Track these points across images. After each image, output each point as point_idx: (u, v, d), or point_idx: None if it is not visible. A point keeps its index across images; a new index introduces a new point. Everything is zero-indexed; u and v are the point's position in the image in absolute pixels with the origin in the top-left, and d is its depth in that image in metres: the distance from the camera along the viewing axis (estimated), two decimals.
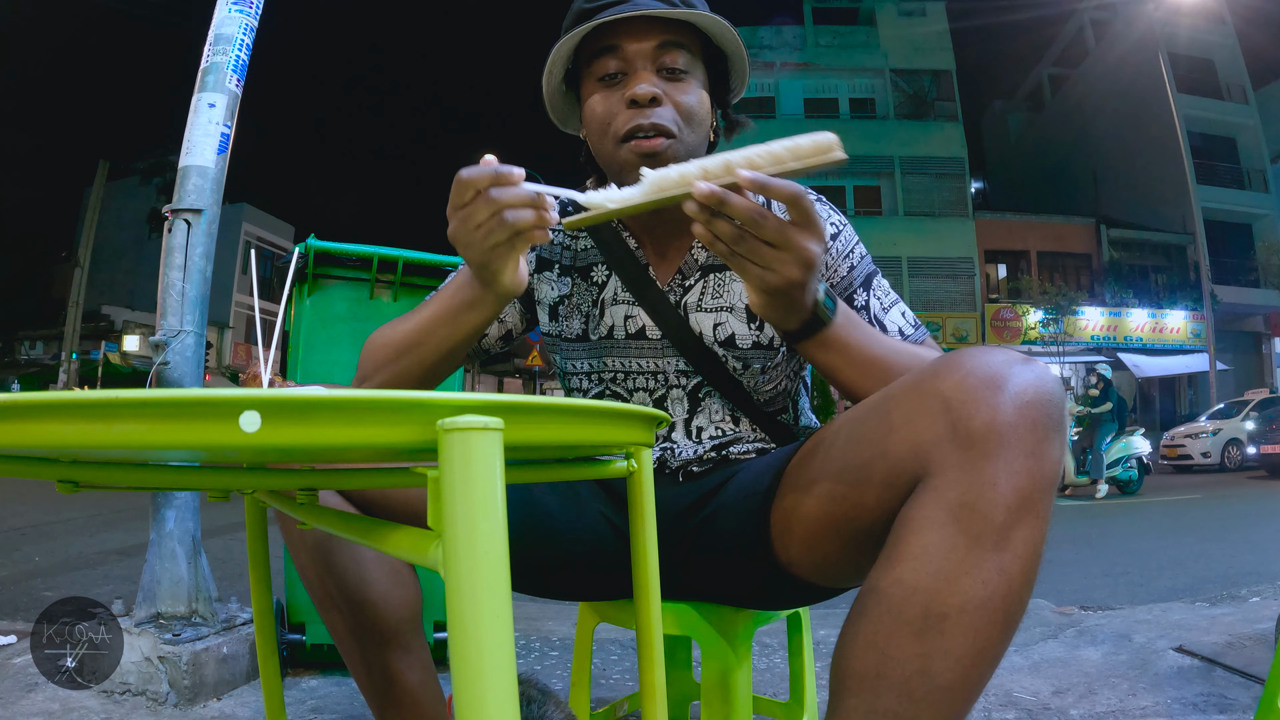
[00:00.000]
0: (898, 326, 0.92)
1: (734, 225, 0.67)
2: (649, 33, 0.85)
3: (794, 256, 0.69)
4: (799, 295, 0.72)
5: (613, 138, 0.86)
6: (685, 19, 0.85)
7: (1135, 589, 3.09)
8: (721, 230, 0.68)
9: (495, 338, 1.01)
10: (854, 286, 0.93)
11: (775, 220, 0.68)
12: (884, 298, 0.94)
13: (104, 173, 18.48)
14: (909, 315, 0.95)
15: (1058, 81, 25.55)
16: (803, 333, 0.77)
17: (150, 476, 0.58)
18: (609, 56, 0.86)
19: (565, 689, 1.15)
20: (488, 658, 0.36)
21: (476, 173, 0.67)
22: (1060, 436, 0.62)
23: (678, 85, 0.86)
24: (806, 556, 0.77)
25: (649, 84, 0.84)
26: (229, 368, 21.97)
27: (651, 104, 0.84)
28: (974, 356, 0.64)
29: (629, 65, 0.86)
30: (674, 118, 0.85)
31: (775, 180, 0.66)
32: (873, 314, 0.92)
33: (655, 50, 0.85)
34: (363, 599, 0.82)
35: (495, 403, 0.40)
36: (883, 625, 0.61)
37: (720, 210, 0.67)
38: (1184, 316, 19.61)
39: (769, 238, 0.68)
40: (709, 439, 0.93)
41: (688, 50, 0.87)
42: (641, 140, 0.84)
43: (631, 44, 0.85)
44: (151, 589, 1.59)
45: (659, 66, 0.86)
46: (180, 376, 1.61)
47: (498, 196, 0.67)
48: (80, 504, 5.20)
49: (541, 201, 0.68)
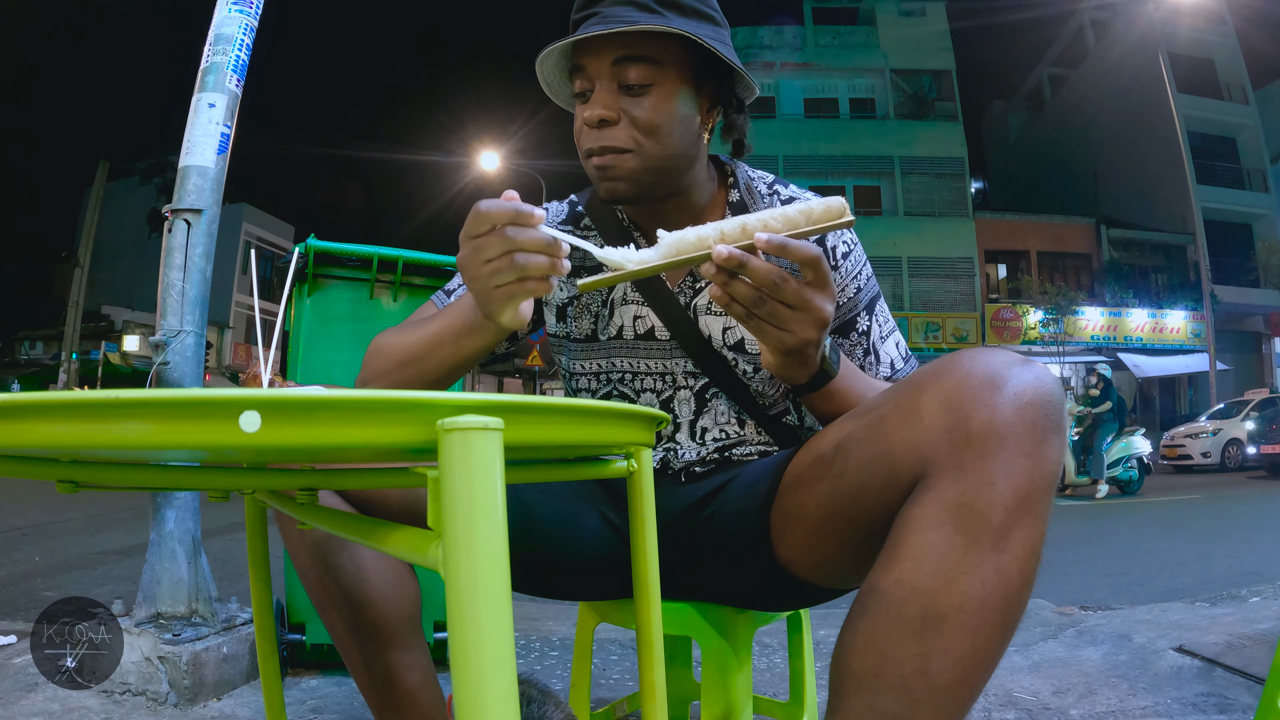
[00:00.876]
0: (890, 358, 0.94)
1: (752, 288, 0.68)
2: (605, 49, 0.85)
3: (810, 317, 0.70)
4: (812, 353, 0.74)
5: (582, 154, 0.89)
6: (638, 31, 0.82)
7: (1135, 589, 3.09)
8: (740, 293, 0.68)
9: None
10: (858, 309, 0.94)
11: (794, 285, 0.69)
12: (883, 325, 0.95)
13: (104, 173, 18.48)
14: (902, 346, 0.96)
15: (1058, 81, 25.55)
16: (810, 386, 0.79)
17: (150, 476, 0.58)
18: (578, 76, 0.88)
19: (565, 689, 1.15)
20: (488, 658, 0.36)
21: (496, 206, 0.66)
22: (1059, 437, 0.62)
23: (637, 100, 0.85)
24: (806, 557, 0.77)
25: (600, 107, 0.85)
26: (229, 368, 21.98)
27: (601, 125, 0.85)
28: (973, 357, 0.65)
29: (592, 83, 0.87)
30: (629, 135, 0.85)
31: (794, 242, 0.68)
32: (871, 340, 0.94)
33: (612, 67, 0.85)
34: (362, 599, 0.82)
35: (495, 403, 0.40)
36: (881, 625, 0.61)
37: (739, 273, 0.67)
38: (1184, 316, 19.61)
39: (788, 300, 0.69)
40: (713, 440, 0.93)
41: (651, 60, 0.85)
42: (596, 158, 0.86)
43: (592, 62, 0.86)
44: (151, 589, 1.59)
45: (620, 82, 0.86)
46: (180, 376, 1.61)
47: (514, 236, 0.65)
48: (80, 504, 5.20)
49: (556, 249, 0.67)
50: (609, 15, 0.84)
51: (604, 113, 0.85)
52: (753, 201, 0.95)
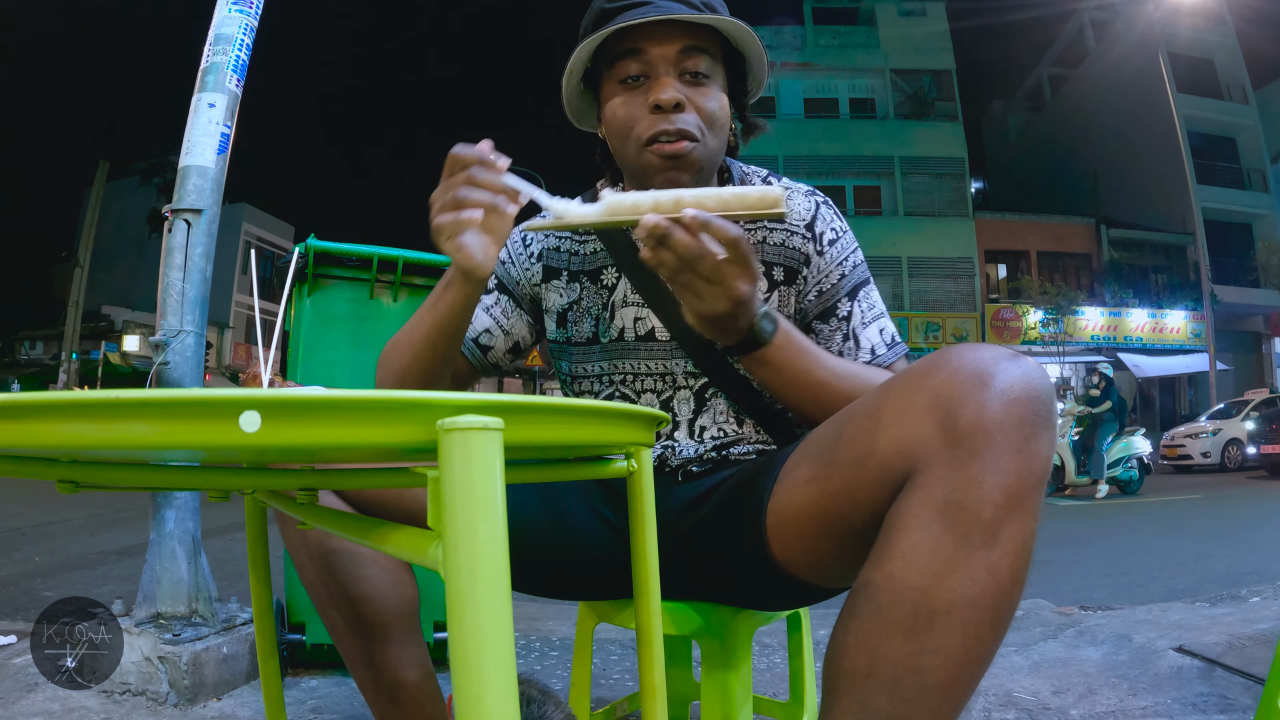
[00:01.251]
0: (871, 344, 0.94)
1: (675, 256, 0.72)
2: (672, 37, 0.85)
3: (724, 293, 0.74)
4: (729, 324, 0.77)
5: (635, 141, 0.87)
6: (708, 23, 0.85)
7: (1135, 589, 3.09)
8: (663, 259, 0.72)
9: (503, 350, 1.01)
10: (840, 295, 0.94)
11: (711, 259, 0.72)
12: (868, 311, 0.95)
13: (104, 173, 18.48)
14: (888, 333, 0.95)
15: (1058, 81, 25.55)
16: (738, 350, 0.81)
17: (150, 476, 0.58)
18: (631, 59, 0.86)
19: (565, 689, 1.15)
20: (488, 658, 0.36)
21: (466, 151, 0.72)
22: (1049, 433, 0.62)
23: (700, 90, 0.86)
24: (802, 556, 0.77)
25: (673, 89, 0.84)
26: (229, 368, 21.97)
27: (676, 110, 0.85)
28: (962, 354, 0.64)
29: (651, 69, 0.86)
30: (697, 123, 0.86)
31: (718, 220, 0.71)
32: (852, 325, 0.94)
33: (679, 55, 0.85)
34: (360, 596, 0.82)
35: (495, 403, 0.40)
36: (873, 624, 0.61)
37: (664, 242, 0.71)
38: (1184, 316, 19.61)
39: (704, 274, 0.72)
40: (711, 439, 0.93)
41: (709, 54, 0.87)
42: (665, 144, 0.85)
43: (655, 48, 0.85)
44: (151, 589, 1.59)
45: (681, 71, 0.86)
46: (180, 376, 1.61)
47: (476, 176, 0.72)
48: (80, 504, 5.20)
49: (513, 195, 0.73)
50: (664, 6, 0.84)
51: (679, 96, 0.84)
52: None
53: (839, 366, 0.85)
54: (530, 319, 1.01)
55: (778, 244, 0.94)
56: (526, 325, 1.01)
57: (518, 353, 1.03)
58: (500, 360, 1.02)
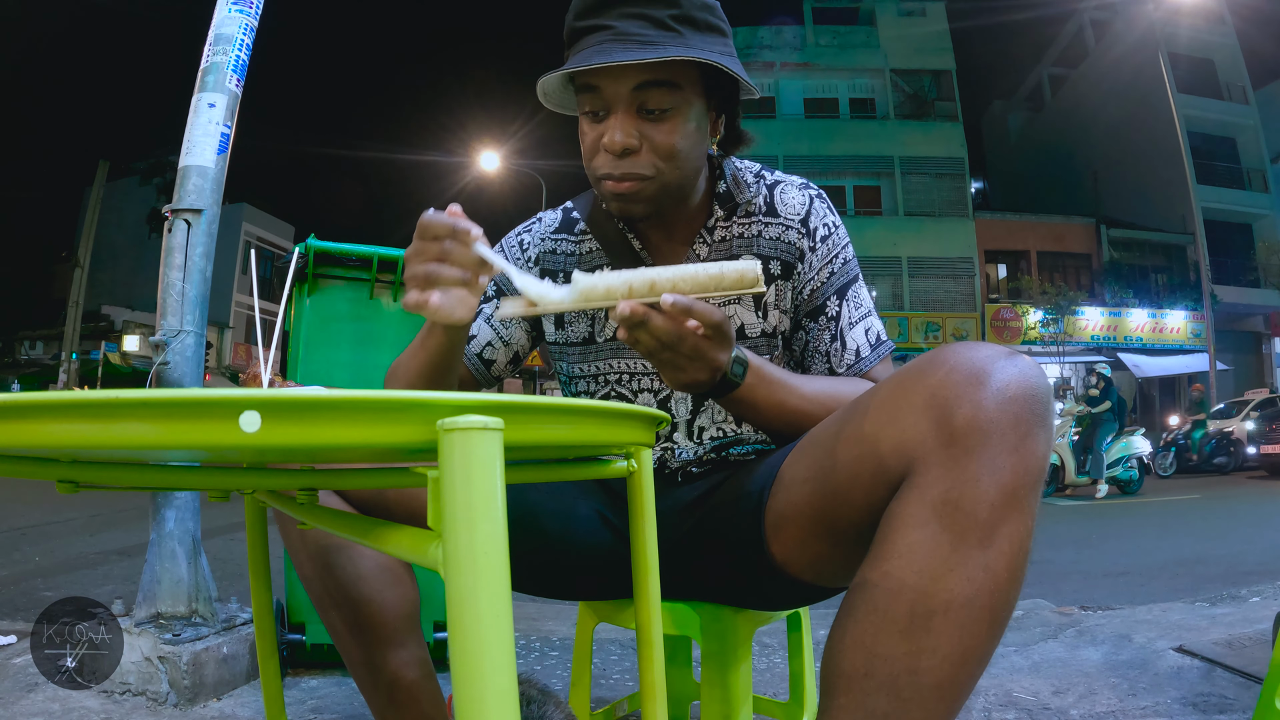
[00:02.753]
0: (856, 345, 0.93)
1: (653, 338, 0.72)
2: (626, 75, 0.83)
3: (705, 365, 0.75)
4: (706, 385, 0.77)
5: (591, 173, 0.88)
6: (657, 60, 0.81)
7: (1135, 589, 3.09)
8: (641, 340, 0.72)
9: (504, 362, 1.03)
10: (828, 294, 0.94)
11: (692, 342, 0.72)
12: (855, 310, 0.94)
13: (104, 173, 18.46)
14: (874, 332, 0.95)
15: (1058, 81, 25.54)
16: (710, 395, 0.81)
17: (150, 476, 0.58)
18: (589, 95, 0.86)
19: (565, 689, 1.15)
20: (488, 658, 0.36)
21: (437, 219, 0.71)
22: (1045, 431, 0.62)
23: (657, 126, 0.84)
24: (801, 556, 0.77)
25: (620, 133, 0.83)
26: (229, 368, 21.97)
27: (624, 154, 0.84)
28: (957, 352, 0.64)
29: (608, 105, 0.85)
30: (651, 161, 0.85)
31: (700, 306, 0.71)
32: (840, 325, 0.93)
33: (632, 93, 0.83)
34: (360, 597, 0.82)
35: (495, 403, 0.40)
36: (870, 624, 0.61)
37: (641, 327, 0.71)
38: (1184, 316, 19.60)
39: (685, 352, 0.73)
40: (710, 440, 0.93)
41: (671, 84, 0.84)
42: (611, 184, 0.86)
43: (609, 85, 0.83)
44: (151, 589, 1.59)
45: (639, 107, 0.84)
46: (180, 376, 1.61)
47: (448, 250, 0.71)
48: (80, 504, 5.20)
49: (486, 270, 0.73)
50: (624, 33, 0.81)
51: (628, 141, 0.84)
52: (739, 190, 0.95)
53: (812, 391, 0.85)
54: (528, 325, 1.02)
55: (773, 238, 0.94)
56: (524, 333, 1.02)
57: (517, 362, 1.04)
58: (502, 372, 1.04)
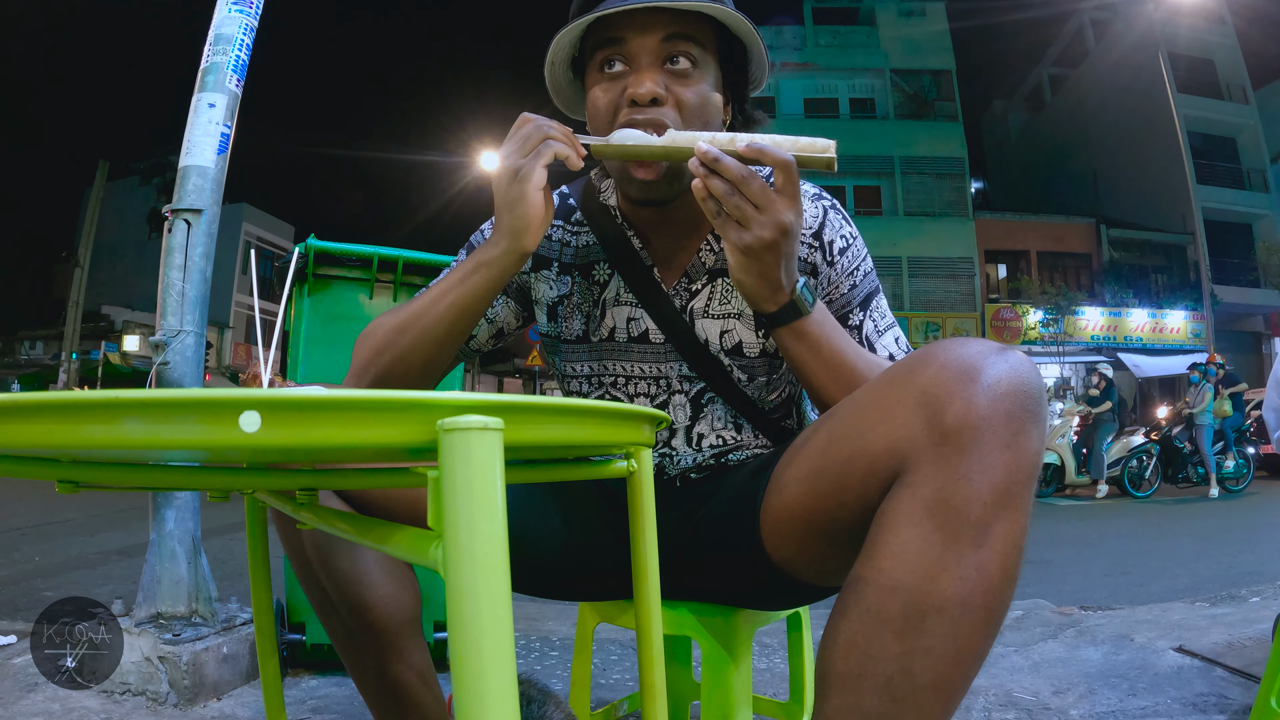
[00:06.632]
0: (889, 351, 0.91)
1: (724, 181, 0.74)
2: (655, 25, 0.81)
3: (771, 219, 0.74)
4: (772, 262, 0.75)
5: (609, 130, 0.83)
6: (696, 10, 0.80)
7: (1135, 589, 3.09)
8: (714, 186, 0.74)
9: (486, 336, 0.98)
10: (852, 305, 0.91)
11: (760, 183, 0.74)
12: (880, 320, 0.92)
13: (104, 173, 18.45)
14: (902, 342, 0.93)
15: (1058, 81, 25.53)
16: (778, 318, 0.79)
17: (150, 476, 0.58)
18: (613, 48, 0.83)
19: (565, 689, 1.15)
20: (488, 658, 0.36)
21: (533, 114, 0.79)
22: (1038, 428, 0.61)
23: (683, 82, 0.82)
24: (797, 556, 0.77)
25: (651, 83, 0.81)
26: (229, 368, 21.96)
27: (652, 104, 0.81)
28: (948, 349, 0.63)
29: (633, 59, 0.82)
30: (675, 117, 0.82)
31: (771, 148, 0.74)
32: (864, 334, 0.91)
33: (661, 44, 0.81)
34: (361, 601, 0.82)
35: (495, 403, 0.40)
36: (863, 625, 0.60)
37: (714, 168, 0.74)
38: (1184, 316, 19.59)
39: (753, 198, 0.73)
40: (709, 447, 0.91)
41: (697, 42, 0.83)
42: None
43: (636, 37, 0.81)
44: (151, 589, 1.59)
45: (665, 61, 0.82)
46: (180, 376, 1.61)
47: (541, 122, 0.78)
48: (80, 504, 5.20)
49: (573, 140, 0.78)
50: None
51: (656, 90, 0.81)
52: None
53: (865, 352, 0.83)
54: (517, 305, 0.98)
55: None
56: (513, 312, 0.98)
57: (500, 337, 1.00)
58: (483, 345, 1.00)
